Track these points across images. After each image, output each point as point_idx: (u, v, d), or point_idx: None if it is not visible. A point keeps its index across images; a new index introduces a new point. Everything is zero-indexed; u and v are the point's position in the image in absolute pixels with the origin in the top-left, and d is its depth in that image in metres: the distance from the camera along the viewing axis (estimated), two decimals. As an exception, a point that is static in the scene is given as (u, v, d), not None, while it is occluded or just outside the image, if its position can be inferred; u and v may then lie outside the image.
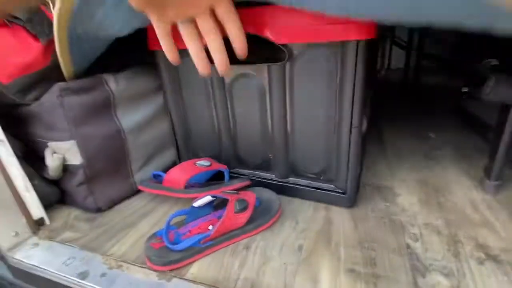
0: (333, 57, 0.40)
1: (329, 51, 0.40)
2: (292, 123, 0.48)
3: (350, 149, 0.45)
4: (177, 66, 0.51)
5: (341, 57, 0.40)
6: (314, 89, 0.43)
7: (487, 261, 0.38)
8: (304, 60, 0.42)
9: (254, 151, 0.53)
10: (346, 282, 0.36)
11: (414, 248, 0.41)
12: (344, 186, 0.48)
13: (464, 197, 0.51)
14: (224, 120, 0.52)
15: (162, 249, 0.39)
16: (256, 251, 0.41)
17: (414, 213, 0.48)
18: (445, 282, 0.35)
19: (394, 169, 0.61)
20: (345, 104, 0.42)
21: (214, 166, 0.50)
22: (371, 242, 0.42)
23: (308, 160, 0.50)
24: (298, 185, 0.52)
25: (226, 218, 0.40)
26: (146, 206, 0.53)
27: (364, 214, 0.48)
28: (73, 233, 0.47)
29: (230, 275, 0.38)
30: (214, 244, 0.40)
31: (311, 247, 0.42)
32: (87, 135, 0.48)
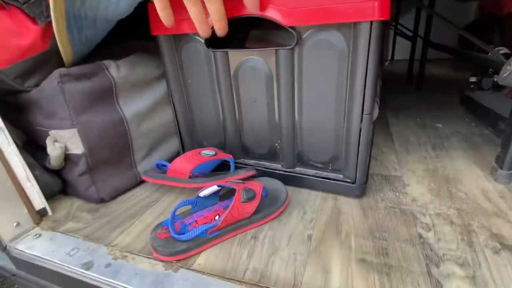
0: (345, 40, 0.39)
1: (341, 34, 0.38)
2: (300, 111, 0.46)
3: (361, 137, 0.43)
4: (180, 53, 0.50)
5: (353, 40, 0.38)
6: (324, 75, 0.42)
7: (503, 251, 0.37)
8: (313, 44, 0.40)
9: (260, 141, 0.52)
10: (358, 272, 0.35)
11: (426, 238, 0.40)
12: (353, 175, 0.47)
13: (475, 186, 0.50)
14: (229, 108, 0.50)
15: (168, 239, 0.38)
16: (265, 241, 0.40)
17: (425, 203, 0.47)
18: (460, 272, 0.34)
19: (402, 159, 0.60)
20: (356, 90, 0.40)
21: (219, 155, 0.49)
22: (382, 232, 0.41)
23: (316, 149, 0.49)
24: (305, 175, 0.51)
25: (233, 208, 0.39)
26: (151, 197, 0.52)
27: (373, 204, 0.47)
28: (76, 224, 0.46)
29: (238, 265, 0.37)
30: (221, 234, 0.39)
31: (320, 237, 0.41)
32: (89, 123, 0.46)
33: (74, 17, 0.41)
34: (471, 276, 0.34)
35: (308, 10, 0.37)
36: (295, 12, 0.38)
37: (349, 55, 0.39)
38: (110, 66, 0.49)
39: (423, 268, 0.35)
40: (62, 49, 0.42)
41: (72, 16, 0.40)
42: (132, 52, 0.55)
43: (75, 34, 0.43)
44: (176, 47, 0.49)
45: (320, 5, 0.36)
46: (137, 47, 0.55)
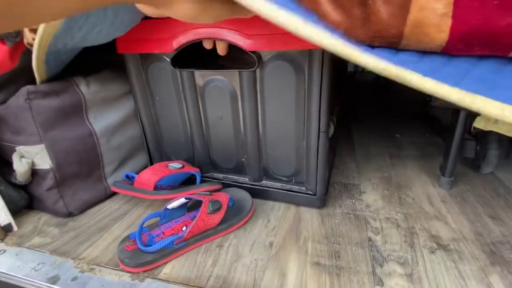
0: (301, 65, 0.43)
1: (297, 59, 0.42)
2: (264, 127, 0.49)
3: (319, 152, 0.47)
4: (147, 71, 0.52)
5: (308, 65, 0.42)
6: (284, 95, 0.45)
7: (438, 250, 0.42)
8: (273, 67, 0.44)
9: (228, 155, 0.55)
10: (312, 274, 0.38)
11: (375, 240, 0.44)
12: (314, 188, 0.50)
13: (422, 192, 0.55)
14: (196, 124, 0.53)
15: (135, 252, 0.39)
16: (229, 249, 0.43)
17: (377, 208, 0.51)
18: (400, 270, 0.39)
19: (361, 168, 0.65)
20: (313, 110, 0.45)
21: (186, 169, 0.51)
22: (336, 236, 0.45)
23: (280, 164, 0.52)
24: (271, 188, 0.54)
25: (199, 219, 0.41)
26: (120, 209, 0.53)
27: (331, 211, 0.51)
28: (42, 239, 0.47)
29: (202, 273, 0.39)
30: (188, 245, 0.42)
31: (280, 243, 0.44)
32: (57, 139, 0.47)
33: (54, 50, 0.42)
34: (409, 274, 0.38)
35: (268, 37, 0.41)
36: (255, 38, 0.42)
37: (306, 78, 0.43)
38: (80, 82, 0.50)
39: (369, 268, 0.39)
40: (36, 72, 0.44)
41: (52, 50, 0.42)
42: (102, 67, 0.56)
43: (51, 61, 0.44)
44: (143, 66, 0.52)
45: (279, 32, 0.40)
46: (108, 62, 0.57)
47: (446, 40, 0.25)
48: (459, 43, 0.25)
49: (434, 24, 0.25)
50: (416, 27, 0.26)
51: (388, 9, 0.27)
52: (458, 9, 0.24)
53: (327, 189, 0.51)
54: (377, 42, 0.28)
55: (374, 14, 0.27)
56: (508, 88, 0.23)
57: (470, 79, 0.24)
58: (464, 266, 0.39)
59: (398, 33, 0.27)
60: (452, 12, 0.24)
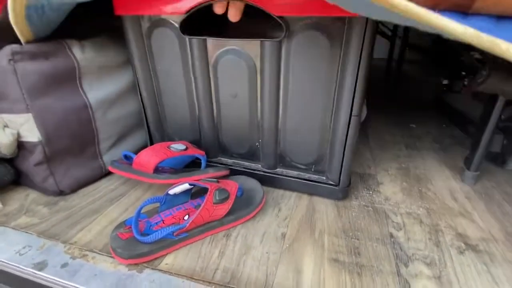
0: (337, 36, 0.37)
1: (333, 29, 0.36)
2: (285, 109, 0.44)
3: (347, 139, 0.42)
4: (149, 37, 0.45)
5: (345, 37, 0.36)
6: (312, 71, 0.40)
7: (467, 251, 0.38)
8: (303, 37, 0.38)
9: (240, 139, 0.49)
10: (330, 271, 0.35)
11: (397, 237, 0.40)
12: (336, 178, 0.46)
13: (444, 186, 0.52)
14: (206, 101, 0.47)
15: (130, 240, 0.35)
16: (237, 240, 0.39)
17: (397, 202, 0.47)
18: (427, 271, 0.35)
19: (376, 158, 0.61)
20: (345, 90, 0.39)
21: (190, 151, 0.46)
22: (355, 230, 0.41)
23: (299, 150, 0.47)
24: (286, 176, 0.49)
25: (204, 209, 0.37)
26: (116, 190, 0.48)
27: (347, 203, 0.47)
28: (30, 218, 0.42)
29: (208, 265, 0.35)
30: (190, 236, 0.37)
31: (294, 235, 0.40)
32: (46, 108, 0.42)
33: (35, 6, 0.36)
34: (437, 276, 0.34)
35: (301, 0, 0.34)
36: (286, 1, 0.35)
37: (341, 52, 0.37)
38: (73, 45, 0.44)
39: (392, 268, 0.35)
40: (17, 30, 0.37)
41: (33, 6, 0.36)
42: (100, 31, 0.50)
43: (34, 18, 0.38)
44: (145, 31, 0.45)
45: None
46: (107, 26, 0.51)
47: None
48: None
49: None
50: None
51: None
52: None
53: (350, 181, 0.46)
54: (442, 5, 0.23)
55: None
56: None
57: None
58: (496, 269, 0.35)
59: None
60: None
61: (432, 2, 0.22)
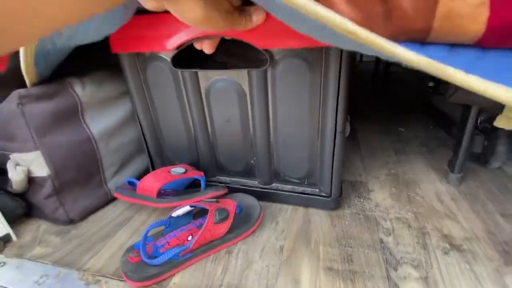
0: (317, 63, 0.40)
1: (312, 57, 0.40)
2: (275, 128, 0.47)
3: (334, 153, 0.45)
4: (145, 71, 0.49)
5: (325, 63, 0.40)
6: (297, 94, 0.43)
7: (451, 251, 0.41)
8: (286, 65, 0.41)
9: (235, 158, 0.53)
10: (326, 280, 0.38)
11: (387, 242, 0.43)
12: (328, 190, 0.49)
13: (430, 190, 0.55)
14: (201, 127, 0.51)
15: (139, 264, 0.38)
16: (238, 255, 0.42)
17: (386, 207, 0.50)
18: (414, 273, 0.38)
19: (367, 165, 0.64)
20: (328, 110, 0.42)
21: (189, 173, 0.49)
22: (348, 239, 0.44)
23: (292, 165, 0.50)
24: (282, 190, 0.52)
25: (206, 230, 0.40)
26: (122, 215, 0.51)
27: (341, 212, 0.50)
28: (44, 249, 0.45)
29: (213, 282, 0.38)
30: (194, 256, 0.40)
31: (291, 247, 0.43)
32: (53, 144, 0.45)
33: (42, 53, 0.39)
34: (424, 277, 0.37)
35: (280, 34, 0.38)
36: (268, 35, 0.38)
37: (321, 77, 0.41)
38: (74, 83, 0.48)
39: (383, 273, 0.38)
40: (26, 76, 0.41)
41: (41, 50, 0.39)
42: (99, 67, 0.53)
43: (41, 63, 0.41)
44: (140, 66, 0.48)
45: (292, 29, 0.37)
46: (105, 62, 0.54)
47: (482, 33, 0.23)
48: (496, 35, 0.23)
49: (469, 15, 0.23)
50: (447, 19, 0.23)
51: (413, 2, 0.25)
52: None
53: (341, 191, 0.49)
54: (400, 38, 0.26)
55: (396, 9, 0.25)
56: None
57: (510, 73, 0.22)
58: (479, 267, 0.38)
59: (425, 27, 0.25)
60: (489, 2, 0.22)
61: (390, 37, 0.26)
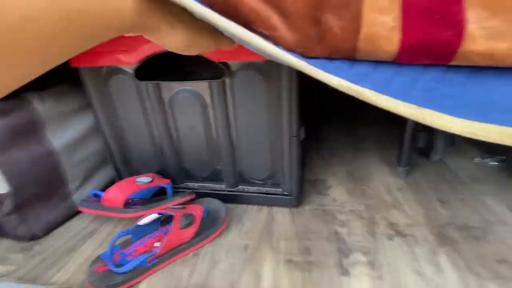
0: (270, 74, 0.44)
1: (266, 68, 0.43)
2: (237, 134, 0.50)
3: (292, 155, 0.49)
4: (107, 84, 0.50)
5: (277, 74, 0.43)
6: (255, 103, 0.47)
7: (396, 237, 0.46)
8: (242, 76, 0.45)
9: (202, 164, 0.55)
10: (285, 272, 0.41)
11: (341, 233, 0.47)
12: (289, 189, 0.53)
13: (381, 183, 0.60)
14: (166, 136, 0.52)
15: (106, 273, 0.39)
16: (205, 257, 0.44)
17: (342, 202, 0.55)
18: (363, 259, 0.42)
19: (327, 165, 0.69)
20: (283, 117, 0.46)
21: (156, 182, 0.51)
22: (307, 233, 0.48)
23: (255, 168, 0.54)
24: (247, 192, 0.55)
25: (172, 235, 0.42)
26: (89, 227, 0.51)
27: (301, 208, 0.54)
28: (6, 267, 0.44)
29: (180, 283, 0.40)
30: (161, 261, 0.42)
31: (255, 245, 0.46)
32: (12, 161, 0.45)
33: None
34: (371, 262, 0.42)
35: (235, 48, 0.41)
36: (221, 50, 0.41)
37: (275, 86, 0.44)
38: (33, 98, 0.47)
39: (336, 261, 0.42)
40: None
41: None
42: (59, 80, 0.53)
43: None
44: (102, 79, 0.49)
45: None
46: (65, 75, 0.54)
47: (396, 52, 0.28)
48: (408, 54, 0.28)
49: (385, 37, 0.27)
50: (369, 40, 0.28)
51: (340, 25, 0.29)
52: (406, 22, 0.26)
53: (301, 189, 0.53)
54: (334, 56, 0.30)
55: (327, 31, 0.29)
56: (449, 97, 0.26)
57: (419, 90, 0.27)
58: (417, 249, 0.44)
59: (352, 47, 0.29)
60: (401, 26, 0.26)
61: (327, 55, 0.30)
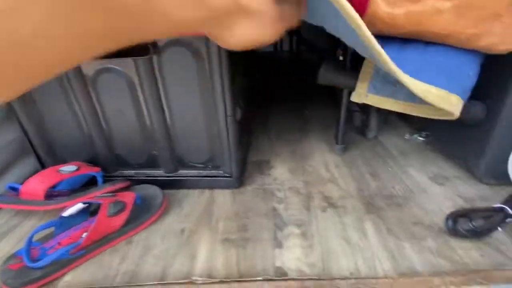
0: (200, 51, 0.42)
1: (195, 44, 0.42)
2: (171, 116, 0.48)
3: (229, 136, 0.49)
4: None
5: (207, 51, 0.42)
6: (187, 82, 0.45)
7: (328, 208, 0.49)
8: (171, 53, 0.42)
9: (136, 150, 0.52)
10: (221, 250, 0.41)
11: (278, 209, 0.49)
12: (230, 170, 0.52)
13: (321, 161, 0.63)
14: (93, 120, 0.49)
15: (22, 269, 0.35)
16: (138, 244, 0.43)
17: (283, 180, 0.57)
18: (297, 230, 0.44)
19: (272, 146, 0.70)
20: (217, 95, 0.45)
21: (82, 170, 0.47)
22: (246, 211, 0.49)
23: (194, 151, 0.52)
24: (188, 176, 0.54)
25: (98, 223, 0.39)
26: (8, 223, 0.46)
27: (243, 189, 0.54)
28: None
29: (109, 272, 0.38)
30: (88, 252, 0.39)
31: (193, 228, 0.46)
32: None
33: None
34: (304, 233, 0.44)
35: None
36: None
37: (206, 65, 0.43)
38: None
39: (271, 235, 0.44)
40: None
41: None
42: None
43: None
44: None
45: None
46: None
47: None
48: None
49: None
50: None
51: None
52: None
53: (243, 170, 0.53)
54: None
55: None
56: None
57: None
58: (346, 218, 0.47)
59: None
60: None
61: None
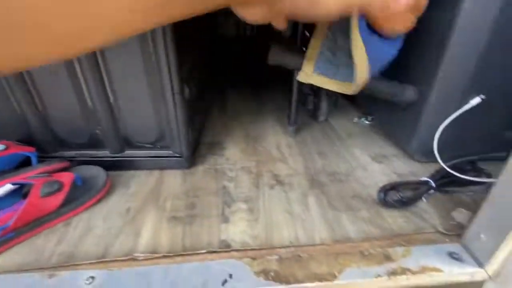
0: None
1: None
2: (114, 93, 0.46)
3: (177, 115, 0.48)
4: None
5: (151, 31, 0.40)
6: (130, 58, 0.42)
7: (276, 186, 0.51)
8: None
9: (76, 130, 0.49)
10: (167, 228, 0.41)
11: (228, 187, 0.50)
12: (180, 150, 0.52)
13: (273, 141, 0.65)
14: (24, 97, 0.44)
15: None
16: (78, 225, 0.41)
17: (235, 160, 0.58)
18: (244, 206, 0.46)
19: (226, 128, 0.71)
20: (163, 74, 0.44)
21: (11, 149, 0.43)
22: (195, 190, 0.49)
23: (141, 130, 0.50)
24: (135, 157, 0.52)
25: (29, 204, 0.37)
26: None
27: (194, 169, 0.54)
28: None
29: (43, 254, 0.36)
30: (18, 235, 0.37)
31: (139, 207, 0.45)
32: None
33: None
34: (251, 208, 0.45)
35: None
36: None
37: (150, 44, 0.41)
38: None
39: (219, 211, 0.44)
40: None
41: None
42: None
43: None
44: None
45: None
46: None
47: None
48: None
49: None
50: None
51: None
52: None
53: (194, 149, 0.53)
54: None
55: None
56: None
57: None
58: (291, 194, 0.49)
59: None
60: None
61: None
